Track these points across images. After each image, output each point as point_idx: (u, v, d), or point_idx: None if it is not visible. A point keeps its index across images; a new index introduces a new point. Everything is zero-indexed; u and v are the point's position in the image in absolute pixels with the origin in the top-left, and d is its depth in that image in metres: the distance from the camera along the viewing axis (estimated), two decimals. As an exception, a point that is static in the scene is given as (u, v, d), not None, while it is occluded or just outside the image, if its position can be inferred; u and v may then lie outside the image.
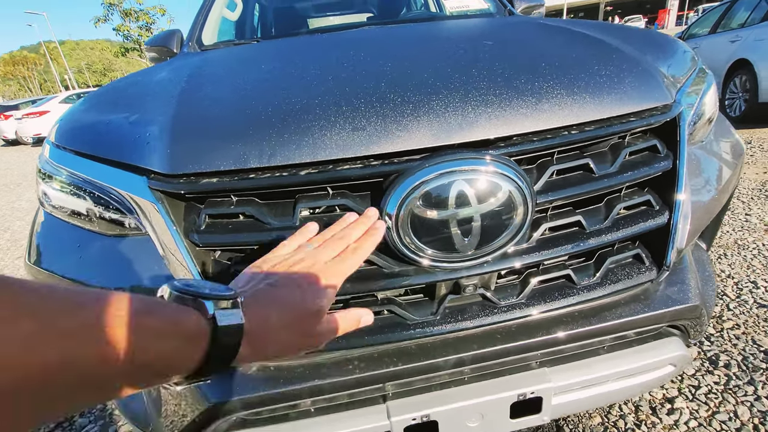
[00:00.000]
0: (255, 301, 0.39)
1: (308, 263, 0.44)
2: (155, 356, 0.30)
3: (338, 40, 1.20)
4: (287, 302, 0.39)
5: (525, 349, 0.70)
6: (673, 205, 0.71)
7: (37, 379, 0.23)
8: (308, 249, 0.48)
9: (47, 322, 0.25)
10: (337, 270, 0.46)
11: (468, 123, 0.62)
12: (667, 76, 0.78)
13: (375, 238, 0.51)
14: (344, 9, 2.57)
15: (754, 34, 4.45)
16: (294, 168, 0.62)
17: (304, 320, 0.40)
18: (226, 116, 0.69)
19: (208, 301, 0.34)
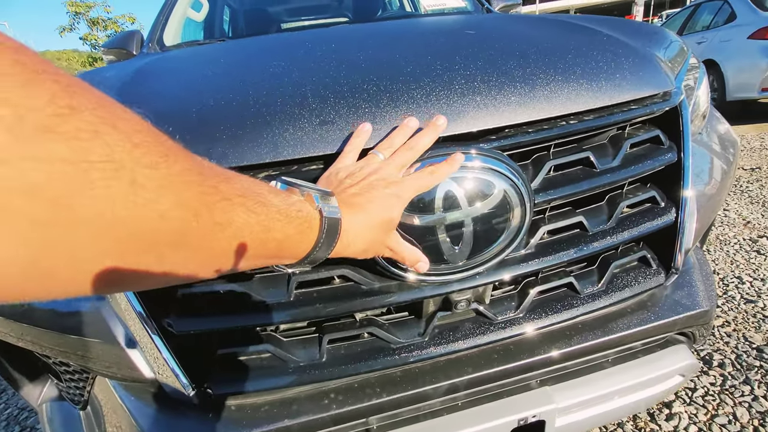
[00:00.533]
0: (342, 203, 0.42)
1: (382, 174, 0.46)
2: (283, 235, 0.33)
3: (308, 35, 1.11)
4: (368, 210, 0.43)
5: (526, 369, 0.62)
6: (680, 202, 0.65)
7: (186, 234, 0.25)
8: (378, 158, 0.48)
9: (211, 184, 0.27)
10: (411, 185, 0.47)
11: (454, 113, 0.54)
12: (664, 61, 0.72)
13: (451, 167, 0.49)
14: (319, 13, 2.47)
15: (719, 35, 4.60)
16: (250, 170, 0.52)
17: (379, 228, 0.44)
18: (170, 112, 0.58)
19: (315, 195, 0.38)
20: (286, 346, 0.57)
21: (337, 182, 0.46)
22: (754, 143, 3.75)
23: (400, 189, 0.45)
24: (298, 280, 0.53)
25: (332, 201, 0.40)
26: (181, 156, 0.25)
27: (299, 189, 0.38)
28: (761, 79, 4.02)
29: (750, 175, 3.07)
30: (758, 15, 4.22)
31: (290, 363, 0.55)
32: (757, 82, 4.06)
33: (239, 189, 0.30)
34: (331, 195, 0.40)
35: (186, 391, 0.53)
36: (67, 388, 0.83)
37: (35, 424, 1.57)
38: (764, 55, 3.97)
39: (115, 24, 20.48)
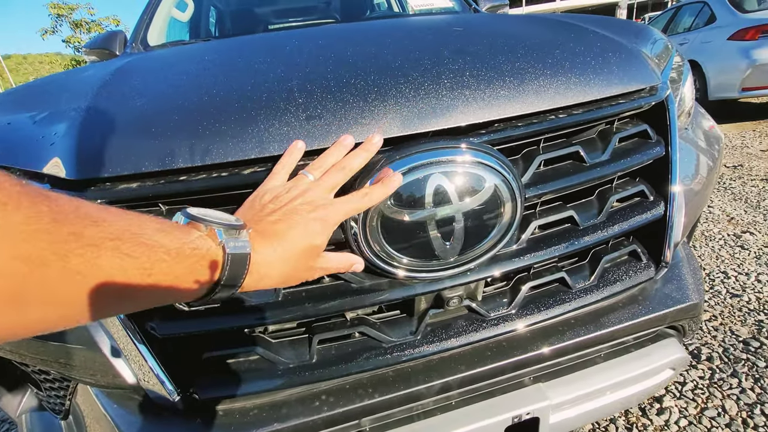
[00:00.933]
0: (257, 234, 0.39)
1: (309, 197, 0.44)
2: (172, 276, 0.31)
3: (294, 33, 1.10)
4: (287, 239, 0.40)
5: (519, 365, 0.61)
6: (668, 195, 0.65)
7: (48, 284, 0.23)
8: (308, 179, 0.46)
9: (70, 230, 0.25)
10: (340, 208, 0.45)
11: (443, 107, 0.53)
12: (651, 57, 0.73)
13: (387, 188, 0.47)
14: (306, 15, 2.45)
15: (700, 37, 4.71)
16: (236, 166, 0.50)
17: (301, 256, 0.41)
18: (152, 108, 0.56)
19: (219, 229, 0.35)
20: (275, 348, 0.55)
21: (260, 207, 0.43)
22: (736, 141, 3.84)
23: (327, 213, 0.43)
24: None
25: (242, 234, 0.37)
26: (26, 203, 0.23)
27: (203, 223, 0.35)
28: (741, 79, 4.12)
29: (732, 172, 3.14)
30: (737, 17, 4.33)
31: (279, 365, 0.54)
32: (737, 82, 4.16)
33: (113, 232, 0.27)
34: (240, 228, 0.37)
35: (171, 396, 0.51)
36: (47, 398, 0.80)
37: (16, 437, 1.52)
38: (744, 55, 4.07)
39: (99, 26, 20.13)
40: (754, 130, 4.12)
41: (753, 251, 2.06)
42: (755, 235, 2.20)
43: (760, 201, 2.58)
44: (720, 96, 4.39)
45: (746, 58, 4.05)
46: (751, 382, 1.32)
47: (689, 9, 5.27)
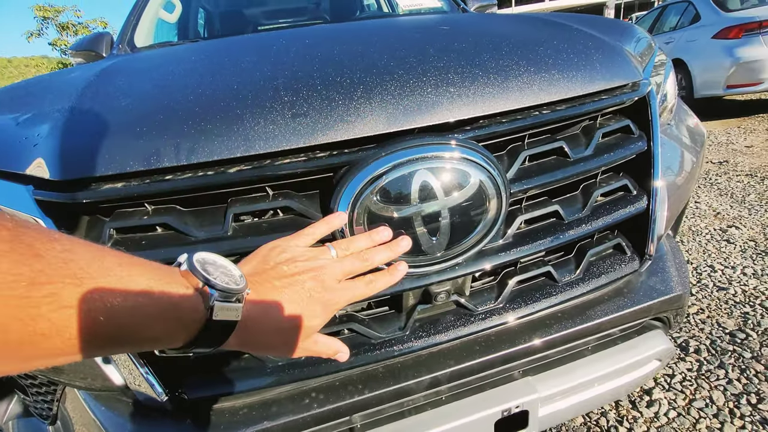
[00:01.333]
0: (257, 296, 0.38)
1: (322, 275, 0.42)
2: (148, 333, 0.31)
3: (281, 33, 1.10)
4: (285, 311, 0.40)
5: (507, 359, 0.62)
6: (651, 189, 0.66)
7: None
8: (330, 255, 0.45)
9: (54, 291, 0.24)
10: (344, 295, 0.44)
11: (428, 104, 0.54)
12: (633, 54, 0.74)
13: (392, 278, 0.47)
14: (296, 16, 2.45)
15: (685, 35, 4.78)
16: (222, 165, 0.50)
17: (292, 332, 0.41)
18: (137, 107, 0.56)
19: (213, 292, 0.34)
20: (264, 346, 0.55)
21: (273, 264, 0.42)
22: (721, 138, 3.91)
23: (332, 297, 0.42)
24: (275, 278, 0.52)
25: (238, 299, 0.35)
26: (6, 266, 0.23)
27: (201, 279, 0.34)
28: (726, 77, 4.19)
29: (718, 168, 3.20)
30: (721, 16, 4.41)
31: (268, 363, 0.54)
32: (722, 80, 4.23)
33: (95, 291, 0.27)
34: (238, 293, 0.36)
35: (160, 397, 0.51)
36: (34, 403, 0.79)
37: (5, 445, 1.50)
38: (728, 54, 4.15)
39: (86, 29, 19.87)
40: (739, 127, 4.19)
41: (738, 245, 2.10)
42: (740, 229, 2.24)
43: (745, 196, 2.63)
44: (705, 93, 4.47)
45: (730, 56, 4.13)
46: (737, 373, 1.34)
47: (674, 8, 5.36)
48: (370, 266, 0.45)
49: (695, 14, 4.77)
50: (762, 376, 1.32)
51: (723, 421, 1.19)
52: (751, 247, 2.06)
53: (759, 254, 1.99)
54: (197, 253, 0.36)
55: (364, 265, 0.45)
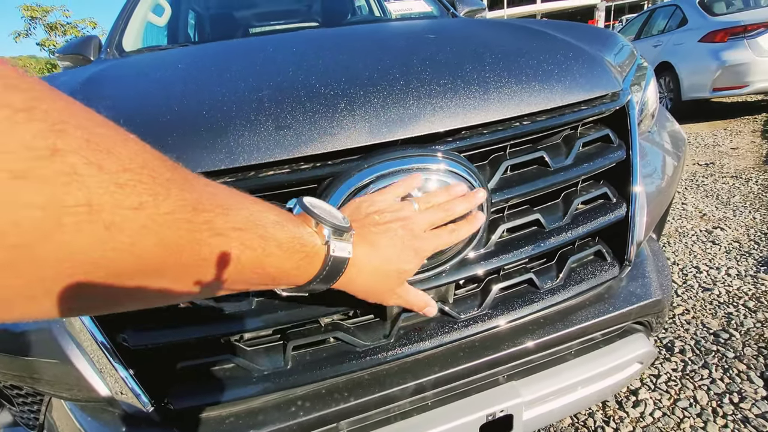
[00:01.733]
0: (359, 239, 0.41)
1: (410, 224, 0.45)
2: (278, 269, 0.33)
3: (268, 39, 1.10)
4: (384, 254, 0.42)
5: (491, 364, 0.63)
6: (630, 197, 0.68)
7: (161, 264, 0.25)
8: (413, 207, 0.47)
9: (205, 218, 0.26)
10: (431, 242, 0.46)
11: (410, 116, 0.55)
12: (613, 64, 0.76)
13: (472, 226, 0.50)
14: (288, 18, 2.45)
15: (673, 39, 4.86)
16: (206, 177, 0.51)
17: (390, 275, 0.43)
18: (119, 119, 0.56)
19: (328, 229, 0.37)
20: (250, 355, 0.56)
21: (366, 214, 0.45)
22: (708, 140, 3.98)
23: (421, 244, 0.45)
24: (260, 288, 0.53)
25: (346, 237, 0.39)
26: (175, 191, 0.24)
27: (315, 218, 0.37)
28: (712, 80, 4.27)
29: (705, 170, 3.26)
30: (707, 20, 4.49)
31: (254, 372, 0.55)
32: (708, 83, 4.31)
33: (239, 221, 0.29)
34: (348, 230, 0.39)
35: (145, 408, 0.51)
36: (20, 413, 0.79)
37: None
38: (714, 57, 4.22)
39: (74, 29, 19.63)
40: (725, 129, 4.27)
41: (723, 246, 2.14)
42: (725, 231, 2.29)
43: (730, 197, 2.69)
44: (693, 96, 4.54)
45: (716, 60, 4.20)
46: (720, 373, 1.37)
47: (663, 12, 5.44)
48: (452, 216, 0.48)
49: (682, 18, 4.85)
50: (744, 376, 1.35)
51: (706, 420, 1.22)
52: (736, 248, 2.10)
53: (743, 255, 2.03)
54: (305, 197, 0.39)
55: (446, 215, 0.48)
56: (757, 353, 1.43)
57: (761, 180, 2.88)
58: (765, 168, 3.09)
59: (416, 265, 0.45)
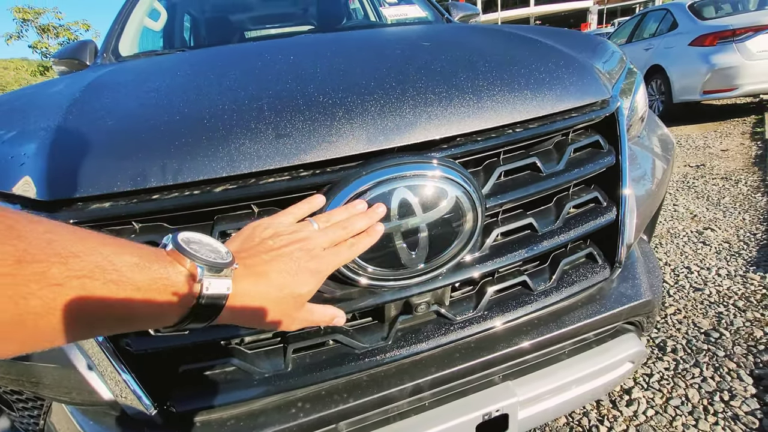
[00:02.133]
0: (246, 270, 0.39)
1: (308, 245, 0.44)
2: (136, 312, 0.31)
3: (266, 46, 1.12)
4: (275, 282, 0.40)
5: (487, 365, 0.64)
6: (620, 201, 0.70)
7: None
8: (312, 227, 0.47)
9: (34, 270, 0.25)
10: (331, 261, 0.45)
11: (406, 124, 0.56)
12: (602, 72, 0.78)
13: (372, 238, 0.49)
14: (283, 21, 2.46)
15: (663, 42, 4.93)
16: (208, 184, 0.52)
17: (285, 302, 0.41)
18: (123, 128, 0.58)
19: (201, 267, 0.35)
20: (251, 359, 0.57)
21: (259, 240, 0.43)
22: (699, 142, 4.04)
23: (320, 264, 0.43)
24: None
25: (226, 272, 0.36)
26: None
27: (187, 255, 0.34)
28: (702, 83, 4.34)
29: (696, 171, 3.31)
30: (697, 24, 4.56)
31: (255, 375, 0.56)
32: (698, 86, 4.38)
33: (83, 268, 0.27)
34: (227, 265, 0.36)
35: (148, 411, 0.52)
36: (20, 418, 0.79)
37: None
38: (704, 60, 4.29)
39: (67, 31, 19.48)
40: (716, 131, 4.34)
41: (714, 247, 2.18)
42: (716, 231, 2.32)
43: (720, 199, 2.73)
44: (684, 99, 4.61)
45: (706, 63, 4.27)
46: (711, 371, 1.40)
47: (654, 15, 5.52)
48: (352, 233, 0.48)
49: (673, 22, 4.92)
50: (734, 374, 1.37)
51: (698, 418, 1.24)
52: (726, 249, 2.14)
53: (732, 255, 2.07)
54: (181, 233, 0.37)
55: (345, 233, 0.47)
56: (746, 351, 1.46)
57: (750, 181, 2.93)
58: (754, 169, 3.15)
59: (314, 286, 0.43)
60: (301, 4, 2.27)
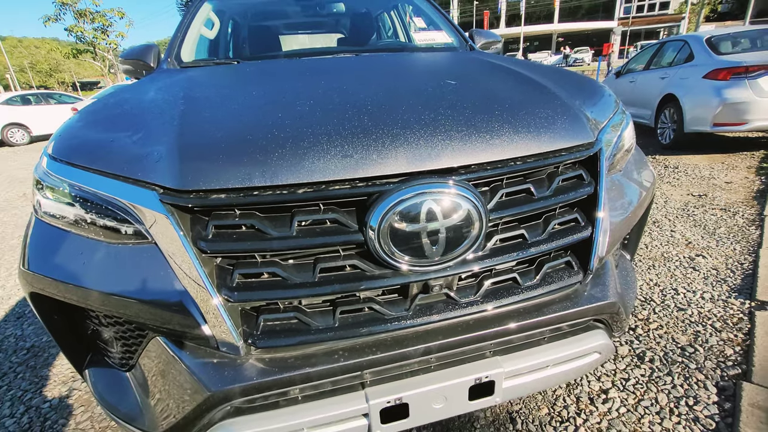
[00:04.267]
0: None
1: None
2: None
3: (320, 67, 1.34)
4: None
5: (481, 339, 0.85)
6: (595, 222, 0.90)
7: None
8: None
9: None
10: None
11: (436, 154, 0.77)
12: (591, 119, 0.98)
13: None
14: (315, 28, 2.72)
15: (679, 72, 5.08)
16: (292, 187, 0.74)
17: None
18: (230, 140, 0.80)
19: None
20: (311, 315, 0.78)
21: None
22: (704, 172, 4.18)
23: None
24: (321, 266, 0.75)
25: None
26: None
27: None
28: (713, 115, 4.48)
29: (697, 200, 3.45)
30: (712, 58, 4.71)
31: (312, 327, 0.77)
32: (709, 118, 4.52)
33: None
34: None
35: (237, 343, 0.74)
36: (114, 353, 1.01)
37: (40, 404, 1.71)
38: (716, 94, 4.43)
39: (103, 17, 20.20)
40: (723, 163, 4.47)
41: (702, 272, 2.34)
42: (707, 258, 2.48)
43: (716, 228, 2.88)
44: (694, 129, 4.74)
45: (718, 96, 4.41)
46: (681, 380, 1.58)
47: (672, 45, 5.67)
48: None
49: (689, 54, 5.07)
50: (701, 384, 1.55)
51: (663, 417, 1.42)
52: (713, 275, 2.30)
53: (718, 281, 2.23)
54: None
55: None
56: (715, 366, 1.64)
57: (747, 214, 3.07)
58: (753, 203, 3.29)
59: None
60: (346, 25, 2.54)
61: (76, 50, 20.85)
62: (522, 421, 1.46)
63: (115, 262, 0.80)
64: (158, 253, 0.76)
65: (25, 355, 2.08)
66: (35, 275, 0.87)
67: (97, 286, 0.79)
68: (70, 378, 1.86)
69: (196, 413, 0.78)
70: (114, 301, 0.79)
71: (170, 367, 0.83)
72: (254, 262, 0.76)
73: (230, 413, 0.80)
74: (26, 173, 7.13)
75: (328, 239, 0.75)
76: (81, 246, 0.85)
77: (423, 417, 0.88)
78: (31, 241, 0.93)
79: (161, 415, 0.84)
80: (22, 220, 4.34)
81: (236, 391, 0.74)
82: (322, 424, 0.81)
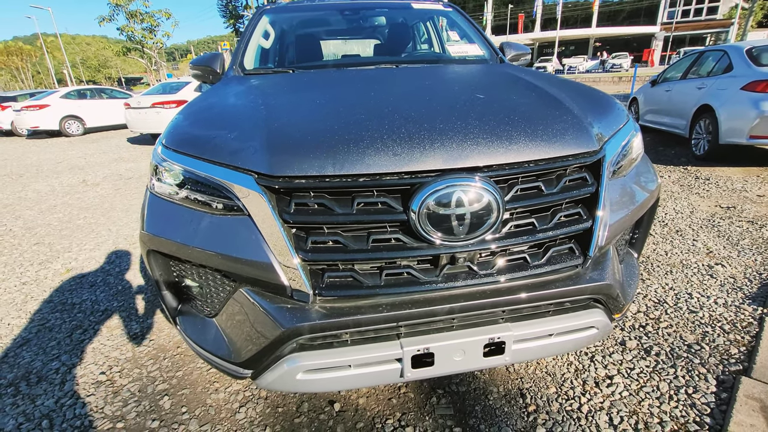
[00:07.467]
0: None
1: None
2: None
3: (366, 76, 1.58)
4: None
5: (494, 305, 1.06)
6: (595, 217, 1.09)
7: None
8: None
9: None
10: None
11: (465, 155, 0.99)
12: (597, 131, 1.17)
13: None
14: (354, 35, 3.00)
15: (717, 83, 5.02)
16: (354, 177, 0.98)
17: None
18: (307, 139, 1.05)
19: None
20: (363, 275, 1.02)
21: None
22: (737, 185, 4.15)
23: None
24: (373, 238, 0.99)
25: None
26: None
27: None
28: (750, 127, 4.42)
29: (724, 212, 3.47)
30: (752, 69, 4.64)
31: (364, 284, 1.01)
32: (746, 130, 4.46)
33: None
34: None
35: (308, 291, 0.99)
36: (202, 303, 1.28)
37: (118, 355, 2.03)
38: (754, 105, 4.38)
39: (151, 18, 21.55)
40: (758, 176, 4.41)
41: (719, 280, 2.42)
42: (725, 267, 2.56)
43: (740, 240, 2.93)
44: (729, 141, 4.69)
45: (756, 108, 4.36)
46: (684, 372, 1.71)
47: (711, 55, 5.59)
48: None
49: (728, 64, 5.01)
50: (702, 377, 1.68)
51: (662, 402, 1.57)
52: (730, 283, 2.38)
53: (734, 289, 2.32)
54: None
55: None
56: (719, 362, 1.76)
57: (774, 227, 3.08)
58: (782, 217, 3.28)
59: None
60: (386, 34, 2.80)
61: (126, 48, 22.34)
62: (531, 396, 1.65)
63: (217, 229, 1.07)
64: (251, 223, 1.02)
65: (100, 316, 2.43)
66: (152, 236, 1.16)
67: (203, 245, 1.06)
68: (141, 335, 2.19)
69: (271, 346, 1.03)
70: (215, 259, 1.06)
71: (252, 311, 1.09)
72: (323, 232, 1.01)
73: (295, 348, 1.05)
74: (84, 162, 7.81)
75: (379, 217, 0.98)
76: (189, 216, 1.12)
77: (445, 367, 1.10)
78: (149, 211, 1.22)
79: (243, 348, 1.10)
80: (84, 203, 4.85)
81: (304, 328, 0.99)
82: (365, 364, 1.05)
